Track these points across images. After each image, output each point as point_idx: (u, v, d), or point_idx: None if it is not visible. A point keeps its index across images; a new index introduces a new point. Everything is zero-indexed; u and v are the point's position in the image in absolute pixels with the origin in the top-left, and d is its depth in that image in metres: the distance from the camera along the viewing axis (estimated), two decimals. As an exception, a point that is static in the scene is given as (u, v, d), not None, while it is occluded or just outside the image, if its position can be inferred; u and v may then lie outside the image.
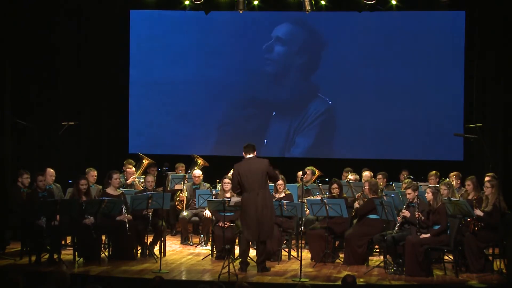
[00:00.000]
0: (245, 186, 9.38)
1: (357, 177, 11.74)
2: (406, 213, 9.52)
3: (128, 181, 11.77)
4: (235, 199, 9.80)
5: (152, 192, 10.38)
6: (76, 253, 10.00)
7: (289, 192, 10.81)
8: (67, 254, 10.21)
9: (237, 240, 10.26)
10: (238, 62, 14.12)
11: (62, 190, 11.34)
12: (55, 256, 9.78)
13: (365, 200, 10.25)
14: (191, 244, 11.47)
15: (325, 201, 9.95)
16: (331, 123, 13.94)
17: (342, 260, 10.11)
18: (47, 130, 12.72)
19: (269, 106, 14.09)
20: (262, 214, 9.28)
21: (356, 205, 10.43)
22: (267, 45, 14.02)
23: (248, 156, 9.53)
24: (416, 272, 9.21)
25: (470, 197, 9.94)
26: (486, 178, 9.98)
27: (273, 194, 10.66)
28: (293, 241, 10.95)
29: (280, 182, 10.68)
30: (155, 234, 10.44)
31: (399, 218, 9.56)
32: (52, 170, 11.05)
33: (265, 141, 13.96)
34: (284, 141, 14.04)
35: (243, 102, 14.17)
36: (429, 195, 9.42)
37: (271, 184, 10.16)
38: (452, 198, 9.62)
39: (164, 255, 10.30)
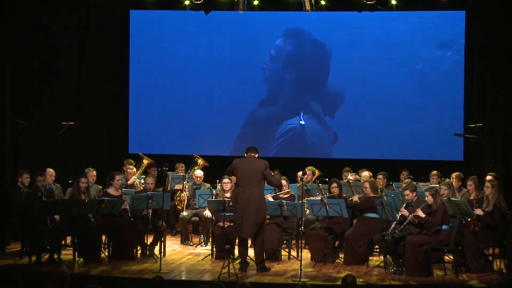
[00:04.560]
0: (238, 180, 9.48)
1: (357, 177, 11.74)
2: (405, 212, 9.53)
3: (129, 182, 11.77)
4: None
5: (152, 192, 10.39)
6: (76, 253, 10.00)
7: (292, 193, 10.80)
8: (67, 254, 10.22)
9: (237, 240, 10.24)
10: (238, 63, 14.11)
11: (62, 190, 11.34)
12: (55, 256, 9.78)
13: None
14: (191, 244, 11.47)
15: (325, 201, 9.95)
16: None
17: (342, 260, 10.11)
18: (47, 130, 12.71)
19: (266, 108, 14.10)
20: (246, 211, 9.28)
21: (356, 198, 10.45)
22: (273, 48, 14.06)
23: (249, 155, 9.60)
24: (416, 272, 9.21)
25: (471, 197, 9.93)
26: (488, 177, 9.99)
27: (276, 194, 10.66)
28: (293, 241, 10.96)
29: (283, 183, 10.67)
30: (155, 234, 10.44)
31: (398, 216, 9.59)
32: (52, 170, 11.04)
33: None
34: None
35: (242, 102, 14.17)
36: (429, 198, 9.41)
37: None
38: (452, 198, 9.63)
39: (164, 255, 10.29)
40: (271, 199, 10.59)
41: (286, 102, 14.06)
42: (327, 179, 11.16)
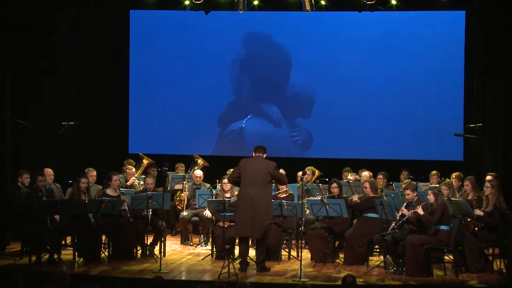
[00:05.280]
0: (243, 180, 9.45)
1: (357, 177, 11.74)
2: (405, 211, 9.54)
3: (128, 183, 11.76)
4: (235, 199, 9.81)
5: (152, 192, 10.38)
6: (76, 253, 10.00)
7: (291, 192, 10.80)
8: (67, 254, 10.22)
9: (237, 240, 10.25)
10: (238, 62, 14.12)
11: (62, 190, 11.33)
12: (55, 256, 9.78)
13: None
14: (191, 244, 11.47)
15: (325, 201, 9.95)
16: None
17: (342, 260, 10.11)
18: (47, 130, 12.71)
19: (264, 106, 14.13)
20: (254, 212, 9.27)
21: (355, 198, 10.45)
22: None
23: (257, 155, 9.60)
24: (416, 272, 9.22)
25: (469, 197, 9.93)
26: (488, 177, 9.99)
27: (275, 193, 10.66)
28: (293, 241, 10.96)
29: None
30: (155, 234, 10.43)
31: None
32: (50, 170, 11.03)
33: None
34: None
35: (242, 101, 14.17)
36: (431, 197, 9.43)
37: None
38: (452, 198, 9.63)
39: (164, 255, 10.29)
40: (271, 199, 10.61)
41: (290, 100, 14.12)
42: (327, 179, 11.16)
